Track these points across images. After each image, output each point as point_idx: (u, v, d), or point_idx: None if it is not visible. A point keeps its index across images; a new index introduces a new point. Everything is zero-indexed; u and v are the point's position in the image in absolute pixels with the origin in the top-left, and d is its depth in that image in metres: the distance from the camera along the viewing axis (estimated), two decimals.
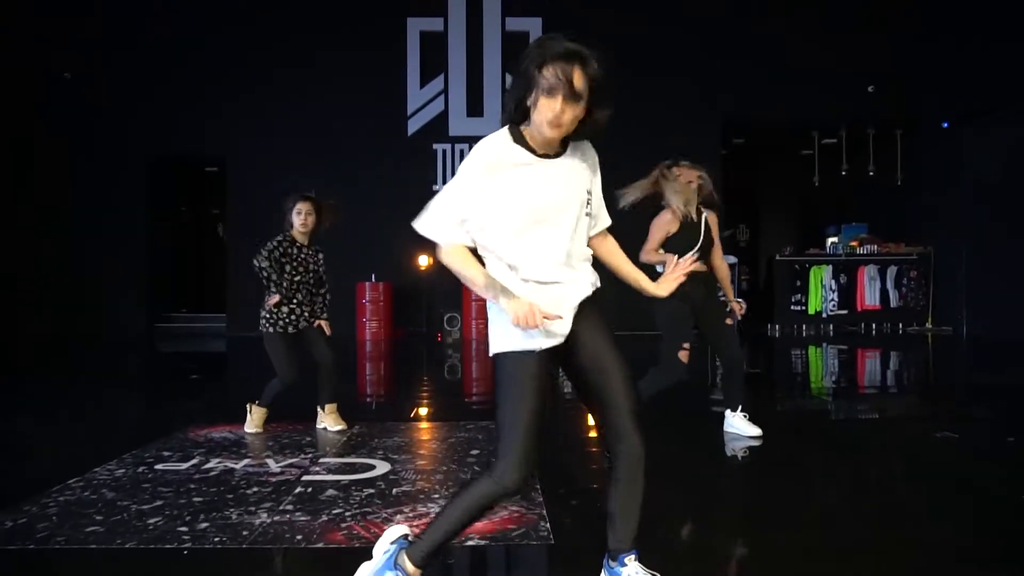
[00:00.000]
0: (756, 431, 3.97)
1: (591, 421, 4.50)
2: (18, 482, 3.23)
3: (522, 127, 1.87)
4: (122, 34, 10.95)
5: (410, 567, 1.91)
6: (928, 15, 10.55)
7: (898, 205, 11.99)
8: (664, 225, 3.82)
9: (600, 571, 1.98)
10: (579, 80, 1.75)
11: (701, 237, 3.79)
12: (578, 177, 1.91)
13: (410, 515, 2.73)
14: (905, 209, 11.88)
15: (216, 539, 2.50)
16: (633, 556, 1.91)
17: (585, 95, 1.77)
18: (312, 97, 11.04)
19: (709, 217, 3.89)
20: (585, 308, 1.90)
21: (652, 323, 3.81)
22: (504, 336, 1.85)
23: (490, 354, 1.89)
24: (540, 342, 1.82)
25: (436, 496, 2.97)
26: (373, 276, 10.66)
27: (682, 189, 3.72)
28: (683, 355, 3.77)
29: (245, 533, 2.55)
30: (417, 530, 2.11)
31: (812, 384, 6.61)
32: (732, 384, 4.07)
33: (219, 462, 3.55)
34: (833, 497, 3.08)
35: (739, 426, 4.02)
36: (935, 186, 11.17)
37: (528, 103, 1.80)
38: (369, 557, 2.02)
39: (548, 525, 2.60)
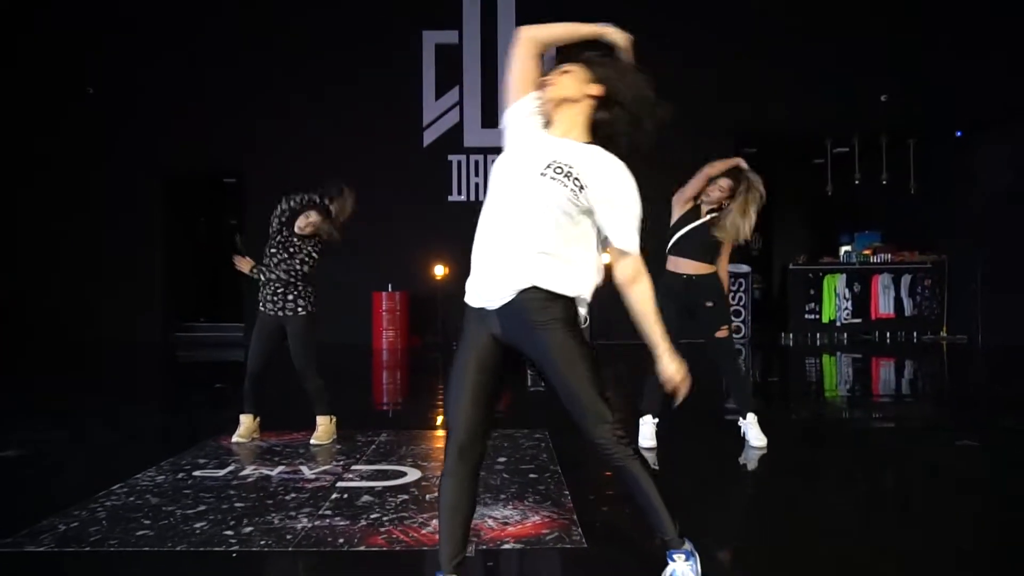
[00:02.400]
0: (760, 441, 4.01)
1: None
2: (63, 488, 3.33)
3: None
4: (140, 50, 11.16)
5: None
6: (940, 25, 10.61)
7: (912, 213, 12.02)
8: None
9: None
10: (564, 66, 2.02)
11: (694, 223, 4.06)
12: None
13: None
14: (919, 217, 11.90)
15: (262, 542, 2.60)
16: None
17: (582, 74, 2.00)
18: (329, 107, 11.19)
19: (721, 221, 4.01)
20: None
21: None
22: None
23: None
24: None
25: None
26: (390, 286, 10.76)
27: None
28: None
29: (289, 537, 2.65)
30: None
31: (827, 392, 6.66)
32: (733, 390, 4.13)
33: (254, 469, 3.65)
34: (850, 504, 3.14)
35: (752, 433, 4.06)
36: (949, 194, 11.20)
37: None
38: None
39: (580, 530, 2.68)
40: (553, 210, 1.92)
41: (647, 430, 4.03)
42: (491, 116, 11.43)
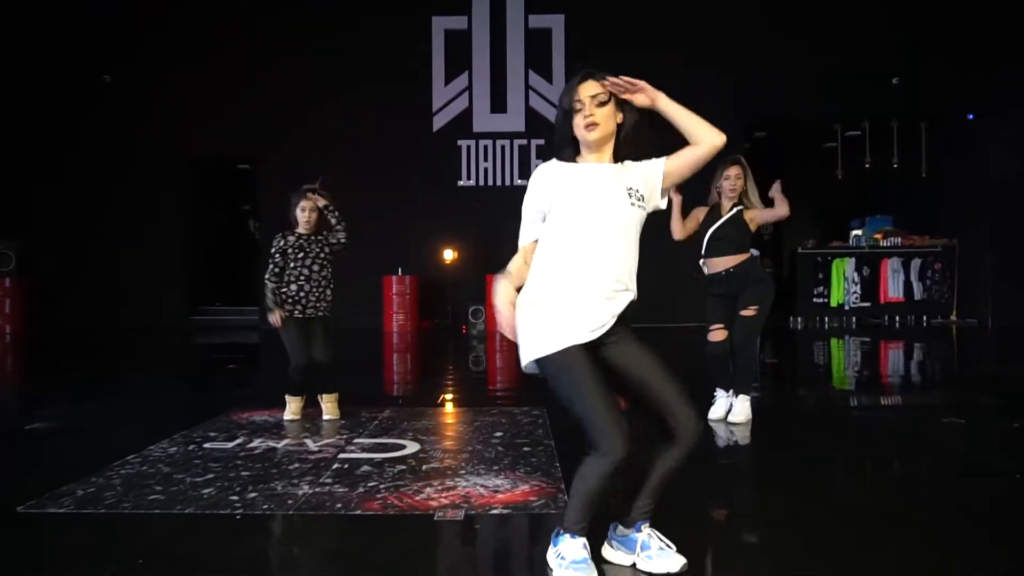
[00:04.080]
0: (739, 418, 4.18)
1: None
2: (82, 458, 3.52)
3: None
4: (158, 40, 11.34)
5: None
6: (952, 8, 10.51)
7: (922, 197, 11.97)
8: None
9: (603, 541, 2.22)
10: (591, 88, 2.09)
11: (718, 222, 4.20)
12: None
13: (439, 488, 2.97)
14: (929, 201, 11.85)
15: (265, 507, 2.76)
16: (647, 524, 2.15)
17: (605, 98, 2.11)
18: (340, 95, 11.32)
19: (746, 212, 4.19)
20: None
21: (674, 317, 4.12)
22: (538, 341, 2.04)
23: (526, 363, 2.07)
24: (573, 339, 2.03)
25: (463, 472, 3.21)
26: (400, 269, 10.93)
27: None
28: (712, 336, 4.20)
29: (290, 502, 2.81)
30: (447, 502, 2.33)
31: (833, 375, 6.74)
32: (734, 369, 4.24)
33: (261, 441, 3.83)
34: (838, 478, 3.26)
35: (737, 408, 4.19)
36: (959, 178, 11.14)
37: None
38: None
39: (566, 498, 2.81)
40: (636, 230, 2.16)
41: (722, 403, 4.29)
42: (499, 102, 11.51)
